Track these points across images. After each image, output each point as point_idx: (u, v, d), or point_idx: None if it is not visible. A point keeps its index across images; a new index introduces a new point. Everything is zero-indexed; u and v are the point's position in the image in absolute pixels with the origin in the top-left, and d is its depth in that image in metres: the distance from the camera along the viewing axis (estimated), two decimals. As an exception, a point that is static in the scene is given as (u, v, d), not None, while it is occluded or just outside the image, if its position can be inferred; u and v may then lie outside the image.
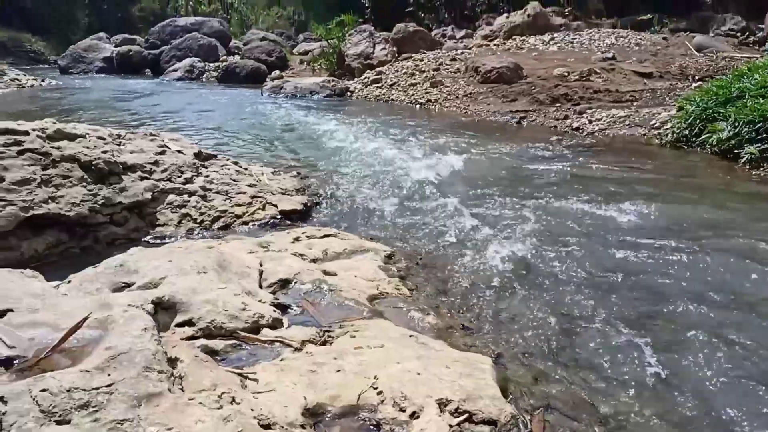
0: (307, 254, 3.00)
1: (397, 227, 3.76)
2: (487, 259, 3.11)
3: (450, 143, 6.43)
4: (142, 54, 19.72)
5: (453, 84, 10.71)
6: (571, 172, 5.19)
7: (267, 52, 17.96)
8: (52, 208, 3.14)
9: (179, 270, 2.30)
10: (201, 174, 4.18)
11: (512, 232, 3.47)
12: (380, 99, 11.23)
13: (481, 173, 5.12)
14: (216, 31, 21.02)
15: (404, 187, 4.61)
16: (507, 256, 3.13)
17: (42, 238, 3.11)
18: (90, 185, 3.41)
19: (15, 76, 13.48)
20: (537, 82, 9.62)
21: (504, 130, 7.70)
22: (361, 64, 13.94)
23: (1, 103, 10.23)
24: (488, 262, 3.07)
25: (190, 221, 3.69)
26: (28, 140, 3.41)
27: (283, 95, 12.05)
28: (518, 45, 13.49)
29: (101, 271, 2.31)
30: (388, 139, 6.69)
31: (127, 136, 4.22)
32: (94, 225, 3.31)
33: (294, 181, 4.71)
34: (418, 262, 3.14)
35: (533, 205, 4.03)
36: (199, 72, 17.08)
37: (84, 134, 3.75)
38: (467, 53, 12.84)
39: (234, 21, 40.54)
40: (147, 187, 3.66)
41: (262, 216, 3.90)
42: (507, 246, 3.25)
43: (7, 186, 3.10)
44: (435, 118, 8.77)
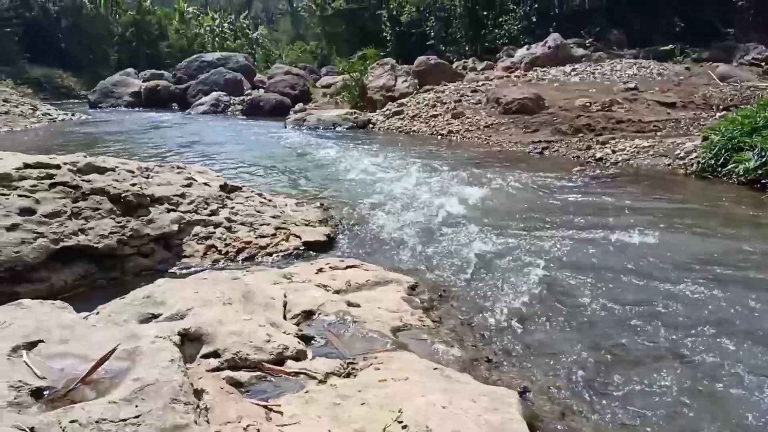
0: (331, 285, 3.01)
1: (420, 258, 3.76)
2: (511, 291, 3.09)
3: (472, 174, 6.44)
4: (169, 88, 20.16)
5: (474, 115, 10.76)
6: (595, 202, 5.16)
7: (290, 85, 18.26)
8: (81, 240, 3.21)
9: (205, 301, 2.32)
10: (226, 206, 4.24)
11: (537, 263, 3.45)
12: (402, 130, 11.31)
13: (505, 204, 5.11)
14: (241, 66, 21.45)
15: (427, 217, 4.62)
16: (532, 287, 3.11)
17: (71, 269, 3.17)
18: (118, 217, 3.47)
19: (47, 111, 13.86)
20: (559, 113, 9.63)
21: (526, 161, 7.70)
22: (383, 96, 14.10)
23: (34, 138, 10.51)
24: (513, 294, 3.06)
25: (216, 252, 3.73)
26: (60, 174, 3.50)
27: (306, 127, 12.21)
28: (539, 76, 13.54)
29: (129, 302, 2.34)
30: (411, 170, 6.72)
31: (155, 168, 4.31)
32: (122, 256, 3.36)
33: (317, 212, 4.75)
34: (442, 293, 3.13)
35: (557, 236, 4.01)
36: (225, 106, 17.38)
37: (113, 167, 3.84)
38: (488, 85, 12.92)
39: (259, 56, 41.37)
40: (174, 219, 3.72)
41: (286, 247, 3.93)
42: (531, 277, 3.23)
43: (39, 218, 3.17)
44: (457, 149, 8.80)
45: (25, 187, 3.31)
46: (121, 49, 36.35)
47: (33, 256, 2.99)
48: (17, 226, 3.07)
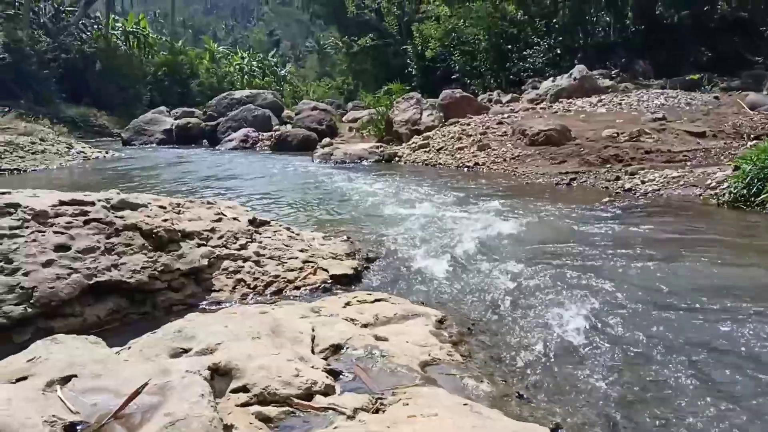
0: (359, 319, 3.00)
1: (448, 291, 3.74)
2: (541, 324, 3.05)
3: (499, 205, 6.43)
4: (199, 125, 20.61)
5: (500, 147, 10.78)
6: (625, 233, 5.10)
7: (317, 120, 18.54)
8: (114, 275, 3.26)
9: (234, 336, 2.34)
10: (255, 240, 4.29)
11: (568, 296, 3.40)
12: (428, 163, 11.37)
13: (533, 235, 5.08)
14: (269, 102, 21.89)
15: (454, 250, 4.61)
16: (563, 320, 3.06)
17: (104, 304, 3.22)
18: (150, 252, 3.53)
19: (81, 149, 14.25)
20: (586, 144, 9.60)
21: (554, 192, 7.66)
22: (409, 129, 14.22)
23: (69, 175, 10.81)
24: (543, 327, 3.01)
25: (244, 286, 3.76)
26: (94, 210, 3.59)
27: (333, 161, 12.35)
28: (565, 108, 13.55)
29: (160, 337, 2.37)
30: (437, 202, 6.73)
31: (186, 204, 4.38)
32: (153, 291, 3.41)
33: (344, 245, 4.77)
34: (470, 327, 3.11)
35: (588, 268, 3.96)
36: (253, 141, 17.69)
37: (146, 204, 3.92)
38: (514, 117, 12.96)
39: (286, 92, 42.13)
40: (204, 254, 3.77)
41: (314, 281, 3.94)
42: (563, 310, 3.19)
43: (73, 254, 3.24)
44: (483, 181, 8.80)
45: (61, 224, 3.40)
46: (153, 88, 37.40)
47: (67, 291, 3.05)
48: (52, 262, 3.14)
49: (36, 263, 3.10)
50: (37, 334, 2.84)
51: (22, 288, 2.94)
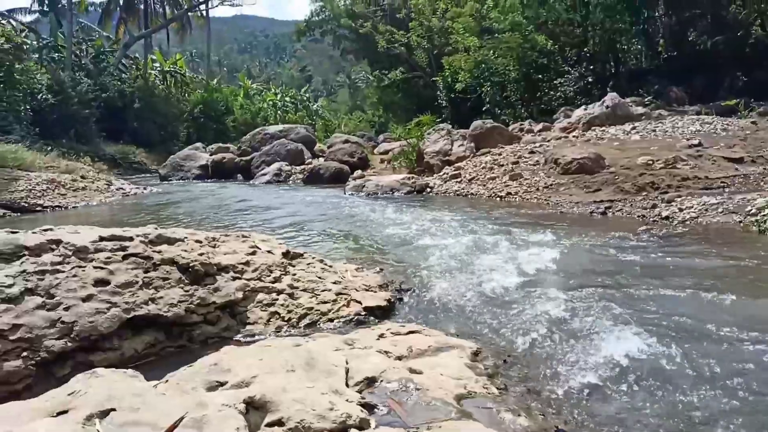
0: (392, 351, 2.98)
1: (483, 323, 3.70)
2: (581, 357, 2.99)
3: (533, 235, 6.36)
4: (234, 160, 21.00)
5: (533, 176, 10.72)
6: (665, 262, 4.99)
7: (349, 153, 18.74)
8: (151, 309, 3.32)
9: (269, 369, 2.35)
10: (289, 272, 4.32)
11: (607, 328, 3.33)
12: (460, 194, 11.35)
13: (569, 265, 5.00)
14: (302, 136, 22.23)
15: (488, 280, 4.56)
16: (602, 353, 2.99)
17: (141, 338, 3.27)
18: (186, 286, 3.59)
19: (120, 185, 14.63)
20: (620, 172, 9.48)
21: (589, 221, 7.56)
22: (440, 160, 14.26)
23: (109, 211, 11.08)
24: (582, 360, 2.95)
25: (279, 319, 3.78)
26: (132, 245, 3.67)
27: (365, 193, 12.42)
28: (598, 136, 13.44)
29: (196, 370, 2.39)
30: (470, 232, 6.70)
31: (221, 238, 4.45)
32: (189, 324, 3.45)
33: (377, 277, 4.76)
34: (506, 359, 3.06)
35: (627, 298, 3.88)
36: (286, 175, 17.93)
37: (182, 238, 4.00)
38: (546, 146, 12.90)
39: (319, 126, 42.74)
40: (239, 287, 3.81)
41: (347, 313, 3.94)
42: (602, 343, 3.12)
43: (113, 289, 3.31)
44: (516, 211, 8.74)
45: (101, 259, 3.48)
46: (190, 125, 38.37)
47: (106, 325, 3.10)
48: (92, 297, 3.21)
49: (76, 298, 3.17)
50: (76, 368, 2.89)
51: (63, 322, 3.01)
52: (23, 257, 3.30)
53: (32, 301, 3.04)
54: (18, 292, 3.05)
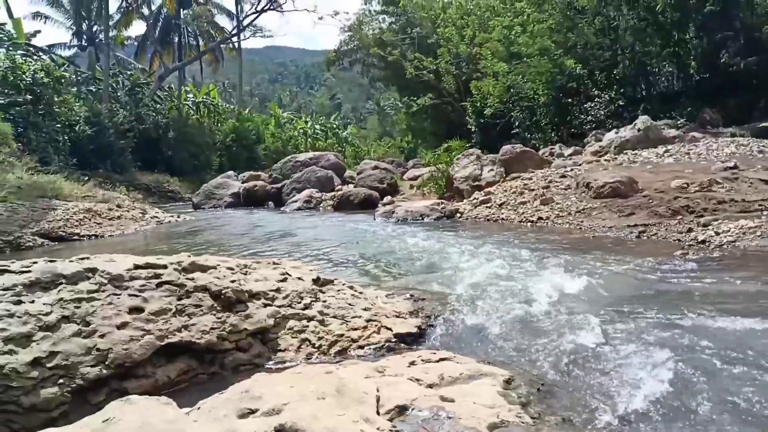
0: (424, 379, 2.96)
1: (516, 350, 3.64)
2: (618, 386, 2.92)
3: (566, 260, 6.28)
4: (265, 188, 21.27)
5: (564, 201, 10.61)
6: (702, 287, 4.88)
7: (378, 179, 18.83)
8: (184, 336, 3.35)
9: (300, 396, 2.35)
10: (319, 299, 4.33)
11: (645, 355, 3.25)
12: (490, 219, 11.29)
13: (604, 291, 4.92)
14: (332, 163, 22.44)
15: (521, 307, 4.50)
16: (640, 381, 2.92)
17: (174, 365, 3.30)
18: (219, 313, 3.62)
19: (155, 214, 14.91)
20: (654, 195, 9.33)
21: (623, 245, 7.44)
22: (470, 185, 14.23)
23: (143, 239, 11.29)
24: (619, 389, 2.88)
25: (309, 346, 3.78)
26: (166, 273, 3.73)
27: (395, 219, 12.43)
28: (630, 159, 13.28)
29: (228, 397, 2.40)
30: (501, 257, 6.64)
31: (253, 265, 4.49)
32: (221, 351, 3.47)
33: (408, 303, 4.74)
34: (540, 387, 3.00)
35: (663, 324, 3.79)
36: (317, 202, 18.07)
37: (215, 266, 4.05)
38: (577, 170, 12.78)
39: (348, 153, 43.15)
40: (270, 314, 3.83)
41: (378, 340, 3.93)
42: (640, 370, 3.04)
43: (147, 316, 3.36)
44: (548, 236, 8.65)
45: (135, 287, 3.54)
46: (222, 153, 39.11)
47: (140, 352, 3.14)
48: (127, 324, 3.26)
49: (111, 325, 3.22)
50: (111, 395, 2.93)
51: (98, 350, 3.06)
52: (60, 285, 3.37)
53: (69, 329, 3.10)
54: (55, 319, 3.11)
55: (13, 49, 25.13)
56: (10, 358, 2.82)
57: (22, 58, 23.71)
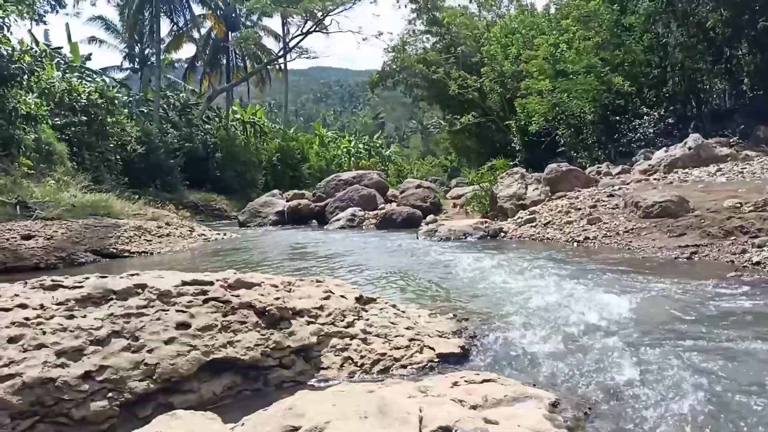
0: (467, 400, 2.91)
1: (562, 372, 3.56)
2: (666, 410, 2.82)
3: (614, 281, 6.13)
4: (309, 206, 21.50)
5: (612, 220, 10.40)
6: (757, 311, 4.68)
7: (421, 198, 18.82)
8: (229, 352, 3.39)
9: (343, 415, 2.34)
10: (361, 317, 4.33)
11: (697, 380, 3.14)
12: (535, 238, 11.13)
13: (654, 313, 4.78)
14: (375, 182, 22.54)
15: (567, 328, 4.41)
16: (692, 407, 2.81)
17: (219, 380, 3.34)
18: (263, 330, 3.66)
19: (202, 231, 15.21)
20: (706, 215, 9.05)
21: (673, 267, 7.23)
22: (514, 204, 14.09)
23: (190, 256, 11.52)
24: (668, 414, 2.78)
25: (352, 364, 3.77)
26: (212, 290, 3.79)
27: (438, 238, 12.37)
28: (681, 178, 12.95)
29: (272, 414, 2.41)
30: (546, 278, 6.53)
31: (296, 283, 4.53)
32: (265, 368, 3.50)
33: (450, 323, 4.70)
34: (587, 411, 2.92)
35: (716, 349, 3.65)
36: (360, 220, 18.15)
37: (259, 282, 4.10)
38: (625, 189, 12.53)
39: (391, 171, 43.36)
40: (313, 332, 3.85)
41: (420, 359, 3.89)
42: (692, 397, 2.93)
43: (193, 332, 3.42)
44: (595, 256, 8.47)
45: (183, 303, 3.61)
46: (267, 172, 39.80)
47: (186, 368, 3.19)
48: (174, 340, 3.32)
49: (159, 340, 3.28)
50: (158, 409, 2.97)
51: (146, 364, 3.12)
52: (111, 301, 3.46)
53: (118, 343, 3.18)
54: (105, 334, 3.19)
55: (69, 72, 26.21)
56: (62, 371, 2.90)
57: (78, 81, 24.70)
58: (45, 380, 2.83)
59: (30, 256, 9.32)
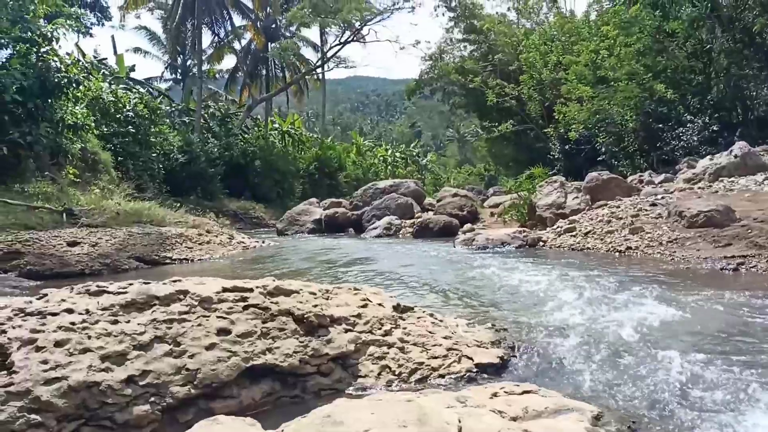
0: (507, 411, 2.87)
1: (604, 384, 3.48)
2: (714, 426, 2.73)
3: (658, 292, 5.99)
4: (346, 215, 21.59)
5: (655, 230, 10.16)
6: (809, 324, 4.52)
7: (458, 206, 18.71)
8: (268, 359, 3.42)
9: (381, 423, 2.33)
10: (399, 326, 4.31)
11: (745, 396, 3.04)
12: (575, 248, 10.96)
13: (699, 325, 4.64)
14: (412, 191, 22.52)
15: (609, 339, 4.32)
16: (737, 425, 2.72)
17: (258, 387, 3.36)
18: (301, 337, 3.68)
19: (241, 239, 15.40)
20: (753, 225, 8.78)
21: (719, 278, 7.02)
22: (553, 213, 13.90)
23: (230, 264, 11.68)
24: (716, 430, 2.69)
25: (389, 373, 3.76)
26: (252, 296, 3.83)
27: (475, 247, 12.28)
28: (726, 187, 12.60)
29: (310, 421, 2.42)
30: (587, 288, 6.41)
31: (334, 290, 4.55)
32: (303, 375, 3.51)
33: (489, 333, 4.64)
34: (631, 425, 2.85)
35: (764, 364, 3.53)
36: (396, 229, 18.14)
37: (298, 290, 4.12)
38: (668, 198, 12.24)
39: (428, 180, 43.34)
40: (350, 339, 3.85)
41: (458, 369, 3.86)
42: (738, 413, 2.84)
43: (233, 338, 3.46)
44: (637, 266, 8.29)
45: (223, 309, 3.66)
46: (305, 181, 40.17)
47: (227, 374, 3.23)
48: (215, 346, 3.37)
49: (200, 346, 3.33)
50: (198, 414, 3.01)
51: (188, 369, 3.17)
52: (154, 306, 3.53)
53: (161, 349, 3.23)
54: (148, 339, 3.25)
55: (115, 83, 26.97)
56: (106, 375, 2.96)
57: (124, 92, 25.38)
58: (90, 384, 2.89)
59: (75, 263, 9.58)
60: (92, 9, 26.95)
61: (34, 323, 3.24)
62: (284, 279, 4.47)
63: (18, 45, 14.69)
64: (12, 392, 2.76)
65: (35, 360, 2.95)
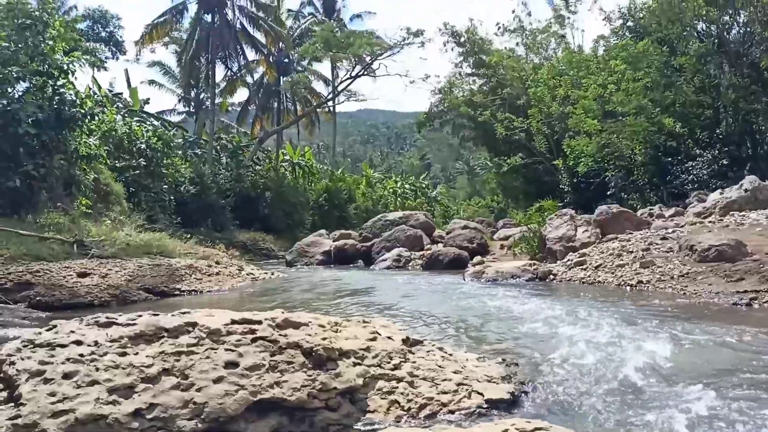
0: (518, 449, 2.82)
1: (616, 422, 3.42)
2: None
3: (669, 327, 5.91)
4: (355, 246, 21.57)
5: (666, 264, 10.08)
6: (826, 362, 4.44)
7: (468, 239, 18.66)
8: (276, 392, 3.39)
9: (390, 461, 2.30)
10: (408, 360, 4.27)
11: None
12: (585, 281, 10.87)
13: (712, 362, 4.57)
14: (421, 223, 22.51)
15: (621, 377, 4.25)
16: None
17: (265, 421, 3.32)
18: (309, 371, 3.65)
19: (250, 270, 15.40)
20: (766, 260, 8.71)
21: (732, 313, 6.94)
22: (563, 246, 13.83)
23: (239, 295, 11.67)
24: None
25: (398, 408, 3.71)
26: (261, 329, 3.82)
27: (485, 280, 12.22)
28: (737, 221, 12.53)
29: (318, 457, 2.38)
30: (598, 323, 6.34)
31: (343, 323, 4.52)
32: (311, 410, 3.47)
33: (499, 368, 4.59)
34: (645, 465, 2.79)
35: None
36: (406, 260, 18.09)
37: (307, 322, 4.10)
38: (679, 231, 12.18)
39: (437, 212, 43.33)
40: (359, 373, 3.82)
41: (468, 405, 3.81)
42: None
43: (241, 371, 3.43)
44: (648, 301, 8.21)
45: (231, 342, 3.64)
46: (315, 212, 40.29)
47: (234, 407, 3.20)
48: (222, 379, 3.34)
49: (208, 379, 3.31)
50: (205, 448, 2.98)
51: (195, 403, 3.14)
52: (162, 338, 3.52)
53: (168, 381, 3.22)
54: (156, 372, 3.24)
55: (129, 117, 27.38)
56: (114, 408, 2.94)
57: (137, 125, 25.75)
58: (97, 417, 2.88)
59: (85, 294, 9.60)
60: (107, 43, 27.54)
61: (43, 355, 3.24)
62: (293, 311, 4.46)
63: (35, 78, 14.98)
64: (19, 425, 2.75)
65: (43, 392, 2.95)
